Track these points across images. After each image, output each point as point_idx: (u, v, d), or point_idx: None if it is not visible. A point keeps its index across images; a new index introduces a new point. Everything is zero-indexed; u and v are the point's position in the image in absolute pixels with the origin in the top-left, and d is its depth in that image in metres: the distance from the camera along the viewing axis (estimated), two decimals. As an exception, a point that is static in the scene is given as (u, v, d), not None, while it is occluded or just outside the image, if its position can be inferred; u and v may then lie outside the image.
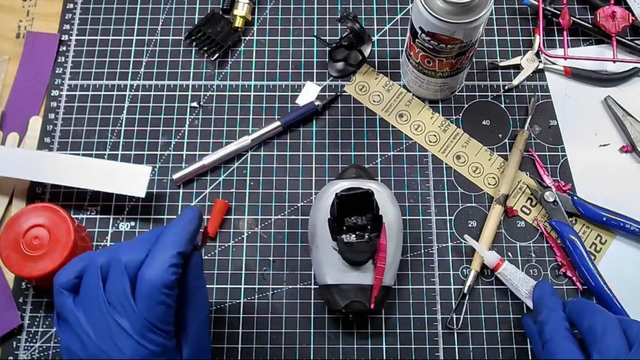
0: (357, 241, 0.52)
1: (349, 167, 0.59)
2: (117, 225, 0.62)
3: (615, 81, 0.67)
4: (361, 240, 0.52)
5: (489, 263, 0.57)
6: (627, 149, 0.64)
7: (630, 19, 0.66)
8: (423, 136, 0.65)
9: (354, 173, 0.58)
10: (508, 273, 0.57)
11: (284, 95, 0.67)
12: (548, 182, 0.62)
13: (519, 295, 0.56)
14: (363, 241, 0.52)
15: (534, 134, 0.65)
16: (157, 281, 0.42)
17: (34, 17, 0.71)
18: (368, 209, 0.52)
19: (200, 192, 0.63)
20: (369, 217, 0.53)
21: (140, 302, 0.42)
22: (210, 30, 0.68)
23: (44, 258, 0.55)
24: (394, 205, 0.56)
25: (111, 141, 0.65)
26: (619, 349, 0.45)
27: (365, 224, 0.53)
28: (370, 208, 0.52)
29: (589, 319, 0.48)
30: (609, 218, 0.60)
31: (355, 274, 0.53)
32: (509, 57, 0.68)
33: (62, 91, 0.67)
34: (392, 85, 0.67)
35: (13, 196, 0.63)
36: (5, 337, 0.58)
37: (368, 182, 0.56)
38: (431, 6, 0.54)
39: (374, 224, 0.53)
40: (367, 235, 0.52)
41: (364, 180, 0.57)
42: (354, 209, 0.52)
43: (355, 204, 0.52)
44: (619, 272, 0.59)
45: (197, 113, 0.66)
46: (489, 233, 0.60)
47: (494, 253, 0.58)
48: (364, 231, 0.52)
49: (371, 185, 0.55)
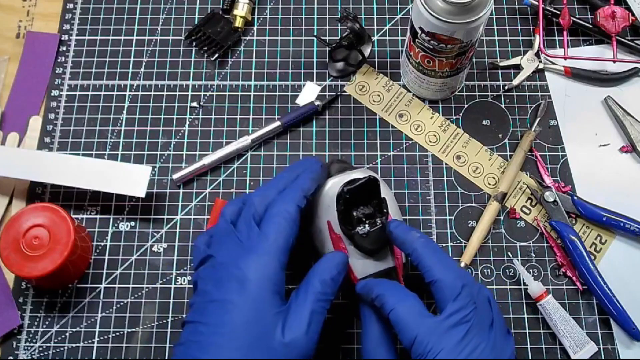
0: (372, 230, 0.51)
1: (331, 164, 0.58)
2: (117, 225, 0.62)
3: (615, 81, 0.67)
4: (375, 227, 0.51)
5: (532, 293, 0.57)
6: (627, 149, 0.64)
7: (630, 19, 0.66)
8: (423, 136, 0.65)
9: (338, 168, 0.57)
10: (549, 307, 0.56)
11: (284, 95, 0.67)
12: (548, 182, 0.62)
13: (555, 331, 0.56)
14: (377, 228, 0.51)
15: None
16: (282, 209, 0.48)
17: (34, 17, 0.71)
18: (372, 196, 0.52)
19: (200, 192, 0.63)
20: (374, 204, 0.53)
21: (263, 225, 0.48)
22: (210, 30, 0.68)
23: (44, 258, 0.55)
24: (384, 185, 0.56)
25: (111, 141, 0.65)
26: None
27: (373, 211, 0.52)
28: (374, 194, 0.52)
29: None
30: (609, 218, 0.60)
31: (375, 262, 0.53)
32: (509, 57, 0.68)
33: (62, 91, 0.67)
34: (392, 85, 0.67)
35: (13, 196, 0.63)
36: (5, 337, 0.58)
37: (354, 171, 0.56)
38: (431, 6, 0.54)
39: (380, 208, 0.52)
40: (379, 221, 0.52)
41: (351, 171, 0.56)
42: (357, 200, 0.52)
43: (358, 195, 0.52)
44: (619, 272, 0.59)
45: (197, 113, 0.66)
46: (483, 228, 0.60)
47: (539, 284, 0.57)
48: (374, 218, 0.52)
49: (360, 174, 0.54)
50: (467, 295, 0.46)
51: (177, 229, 0.62)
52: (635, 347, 0.57)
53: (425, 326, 0.45)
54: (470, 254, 0.59)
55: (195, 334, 0.45)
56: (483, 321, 0.46)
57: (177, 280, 0.60)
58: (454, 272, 0.47)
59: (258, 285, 0.45)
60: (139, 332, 0.58)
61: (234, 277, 0.46)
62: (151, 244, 0.61)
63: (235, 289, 0.45)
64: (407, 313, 0.46)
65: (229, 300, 0.45)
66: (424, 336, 0.45)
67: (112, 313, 0.59)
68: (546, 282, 0.59)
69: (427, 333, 0.45)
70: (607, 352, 0.57)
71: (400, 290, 0.49)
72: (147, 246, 0.61)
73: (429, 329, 0.45)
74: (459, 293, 0.46)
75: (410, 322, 0.46)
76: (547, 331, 0.58)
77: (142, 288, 0.59)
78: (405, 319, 0.46)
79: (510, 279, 0.59)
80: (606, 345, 0.57)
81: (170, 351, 0.57)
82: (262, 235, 0.47)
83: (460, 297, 0.46)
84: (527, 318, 0.58)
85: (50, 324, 0.58)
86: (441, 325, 0.45)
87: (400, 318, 0.46)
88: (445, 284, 0.46)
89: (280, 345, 0.44)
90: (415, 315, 0.46)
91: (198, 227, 0.62)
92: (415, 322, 0.46)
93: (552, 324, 0.56)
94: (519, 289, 0.59)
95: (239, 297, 0.45)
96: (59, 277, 0.57)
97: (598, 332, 0.58)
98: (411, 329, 0.45)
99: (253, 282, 0.45)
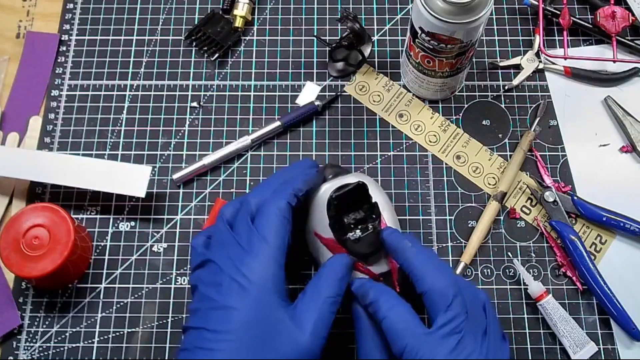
0: (364, 235, 0.52)
1: (324, 168, 0.57)
2: (117, 225, 0.62)
3: (615, 81, 0.67)
4: (367, 232, 0.52)
5: (532, 293, 0.57)
6: (627, 149, 0.64)
7: (630, 19, 0.66)
8: (423, 136, 0.65)
9: (331, 172, 0.56)
10: (549, 307, 0.56)
11: (284, 95, 0.67)
12: (548, 182, 0.62)
13: (555, 331, 0.56)
14: (369, 233, 0.52)
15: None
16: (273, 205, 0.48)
17: (34, 17, 0.71)
18: (362, 201, 0.52)
19: (200, 192, 0.63)
20: (365, 208, 0.53)
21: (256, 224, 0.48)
22: (210, 30, 0.68)
23: (44, 258, 0.55)
24: (378, 189, 0.56)
25: (111, 141, 0.65)
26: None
27: (364, 215, 0.53)
28: (364, 199, 0.52)
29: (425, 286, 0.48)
30: (609, 218, 0.60)
31: (370, 267, 0.53)
32: (509, 57, 0.68)
33: (62, 91, 0.67)
34: (392, 85, 0.67)
35: (13, 196, 0.63)
36: (5, 337, 0.58)
37: (347, 176, 0.55)
38: (431, 6, 0.54)
39: (371, 213, 0.52)
40: (370, 226, 0.52)
41: (344, 176, 0.56)
42: (348, 206, 0.52)
43: (348, 200, 0.52)
44: (619, 272, 0.59)
45: (197, 113, 0.66)
46: (483, 228, 0.60)
47: (539, 284, 0.57)
48: (365, 223, 0.52)
49: (353, 179, 0.54)
50: (459, 305, 0.46)
51: (177, 229, 0.62)
52: (635, 347, 0.57)
53: (416, 336, 0.45)
54: (470, 254, 0.59)
55: (201, 340, 0.45)
56: (476, 329, 0.46)
57: (177, 280, 0.60)
58: (444, 282, 0.47)
59: (259, 288, 0.45)
60: (139, 332, 0.58)
61: (235, 282, 0.46)
62: (151, 244, 0.61)
63: (238, 294, 0.45)
64: (399, 322, 0.46)
65: (232, 307, 0.45)
66: (414, 346, 0.45)
67: (112, 313, 0.59)
68: (546, 282, 0.59)
69: (417, 343, 0.45)
70: (607, 352, 0.57)
71: (394, 297, 0.48)
72: (147, 246, 0.61)
73: (420, 339, 0.45)
74: (450, 303, 0.46)
75: (401, 331, 0.46)
76: (547, 331, 0.58)
77: (142, 288, 0.59)
78: (396, 328, 0.46)
79: (510, 279, 0.59)
80: (606, 345, 0.57)
81: (170, 351, 0.57)
82: (260, 237, 0.47)
83: (451, 308, 0.46)
84: (527, 318, 0.58)
85: (50, 324, 0.58)
86: (432, 336, 0.45)
87: (392, 327, 0.46)
88: (436, 294, 0.46)
89: (289, 345, 0.44)
90: (407, 324, 0.46)
91: (198, 227, 0.62)
92: (406, 332, 0.46)
93: (552, 324, 0.56)
94: (519, 289, 0.59)
95: (243, 301, 0.45)
96: (59, 277, 0.57)
97: (598, 332, 0.58)
98: (402, 338, 0.45)
99: (255, 286, 0.45)
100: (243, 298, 0.45)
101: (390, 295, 0.49)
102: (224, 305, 0.45)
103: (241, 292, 0.45)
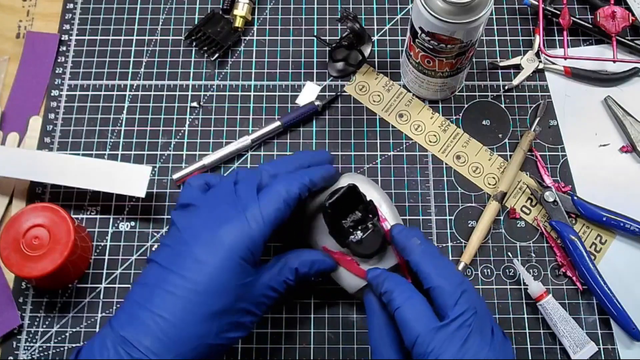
0: (365, 235, 0.52)
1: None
2: (117, 225, 0.62)
3: (615, 81, 0.67)
4: (367, 232, 0.52)
5: (532, 293, 0.57)
6: (627, 149, 0.64)
7: (630, 19, 0.66)
8: (423, 136, 0.65)
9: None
10: (549, 307, 0.56)
11: (284, 95, 0.67)
12: (548, 182, 0.62)
13: (555, 331, 0.56)
14: (369, 232, 0.52)
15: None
16: (284, 187, 0.49)
17: (34, 17, 0.71)
18: (357, 202, 0.52)
19: (200, 192, 0.63)
20: (361, 208, 0.53)
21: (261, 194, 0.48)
22: (210, 30, 0.69)
23: (44, 258, 0.55)
24: (372, 185, 0.56)
25: (111, 141, 0.65)
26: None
27: (361, 216, 0.53)
28: (358, 200, 0.52)
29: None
30: (609, 218, 0.60)
31: (379, 262, 0.53)
32: (509, 57, 0.68)
33: (62, 91, 0.67)
34: (392, 85, 0.67)
35: (13, 196, 0.63)
36: (5, 337, 0.58)
37: (340, 179, 0.55)
38: (431, 6, 0.54)
39: (368, 211, 0.53)
40: (369, 225, 0.52)
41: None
42: (345, 210, 0.52)
43: (343, 204, 0.52)
44: (619, 272, 0.59)
45: (197, 113, 0.66)
46: (483, 228, 0.60)
47: (539, 284, 0.57)
48: (364, 223, 0.52)
49: (346, 180, 0.54)
50: (467, 301, 0.46)
51: (177, 229, 0.62)
52: (635, 347, 0.57)
53: (428, 328, 0.45)
54: (470, 253, 0.59)
55: (166, 283, 0.45)
56: (485, 327, 0.46)
57: (177, 280, 0.60)
58: (452, 279, 0.47)
59: (230, 250, 0.46)
60: (139, 332, 0.58)
61: (217, 238, 0.46)
62: (151, 244, 0.61)
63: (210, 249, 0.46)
64: (412, 313, 0.47)
65: (204, 260, 0.45)
66: (425, 337, 0.45)
67: (112, 313, 0.59)
68: (546, 282, 0.59)
69: (429, 335, 0.45)
70: (607, 352, 0.57)
71: (409, 289, 0.49)
72: (147, 246, 0.61)
73: (432, 331, 0.45)
74: (459, 299, 0.46)
75: (414, 322, 0.46)
76: (547, 331, 0.58)
77: (142, 288, 0.59)
78: (409, 319, 0.46)
79: (510, 279, 0.59)
80: (606, 345, 0.57)
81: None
82: (257, 211, 0.47)
83: (460, 303, 0.46)
84: (527, 318, 0.58)
85: (50, 324, 0.58)
86: (444, 330, 0.45)
87: (405, 317, 0.47)
88: (444, 290, 0.47)
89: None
90: (420, 315, 0.46)
91: (198, 227, 0.62)
92: (418, 323, 0.46)
93: (552, 324, 0.56)
94: (519, 289, 0.59)
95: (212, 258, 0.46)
96: (59, 277, 0.57)
97: (598, 332, 0.58)
98: (414, 329, 0.46)
99: (226, 247, 0.46)
100: (213, 255, 0.46)
101: (406, 287, 0.49)
102: (197, 255, 0.46)
103: (214, 250, 0.46)
